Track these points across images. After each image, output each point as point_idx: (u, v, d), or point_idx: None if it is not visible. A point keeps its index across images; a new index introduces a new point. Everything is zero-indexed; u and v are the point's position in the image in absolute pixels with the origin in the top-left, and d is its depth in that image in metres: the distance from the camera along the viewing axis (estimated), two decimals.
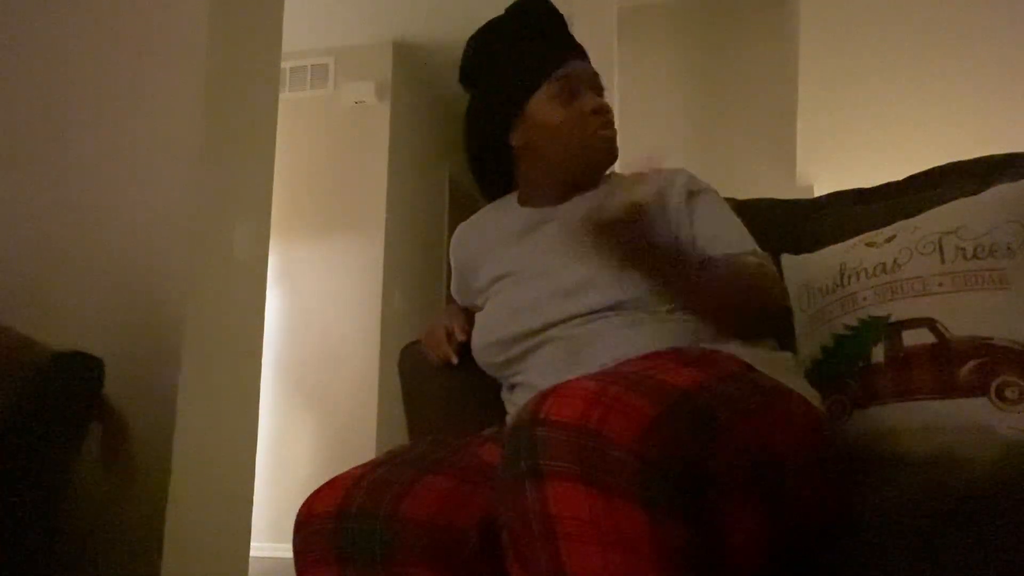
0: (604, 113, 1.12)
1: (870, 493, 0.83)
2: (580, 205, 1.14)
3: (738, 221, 1.08)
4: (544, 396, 0.66)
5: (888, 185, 1.35)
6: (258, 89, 2.33)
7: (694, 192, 1.09)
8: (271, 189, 2.40)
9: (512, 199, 1.24)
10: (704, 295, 0.94)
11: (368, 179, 4.07)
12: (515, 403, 1.08)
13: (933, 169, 1.30)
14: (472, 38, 1.24)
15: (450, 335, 1.20)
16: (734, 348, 0.91)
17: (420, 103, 4.60)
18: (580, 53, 1.17)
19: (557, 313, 1.01)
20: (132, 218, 2.02)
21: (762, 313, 0.95)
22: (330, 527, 0.78)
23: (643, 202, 0.80)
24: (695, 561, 0.61)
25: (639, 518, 0.59)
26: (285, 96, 4.14)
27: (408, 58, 4.34)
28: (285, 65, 4.19)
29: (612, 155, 1.14)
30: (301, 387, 3.95)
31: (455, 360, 1.18)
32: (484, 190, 1.28)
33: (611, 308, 0.98)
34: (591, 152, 1.12)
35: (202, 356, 2.02)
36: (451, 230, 5.11)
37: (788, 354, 1.00)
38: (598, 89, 1.15)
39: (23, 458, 1.38)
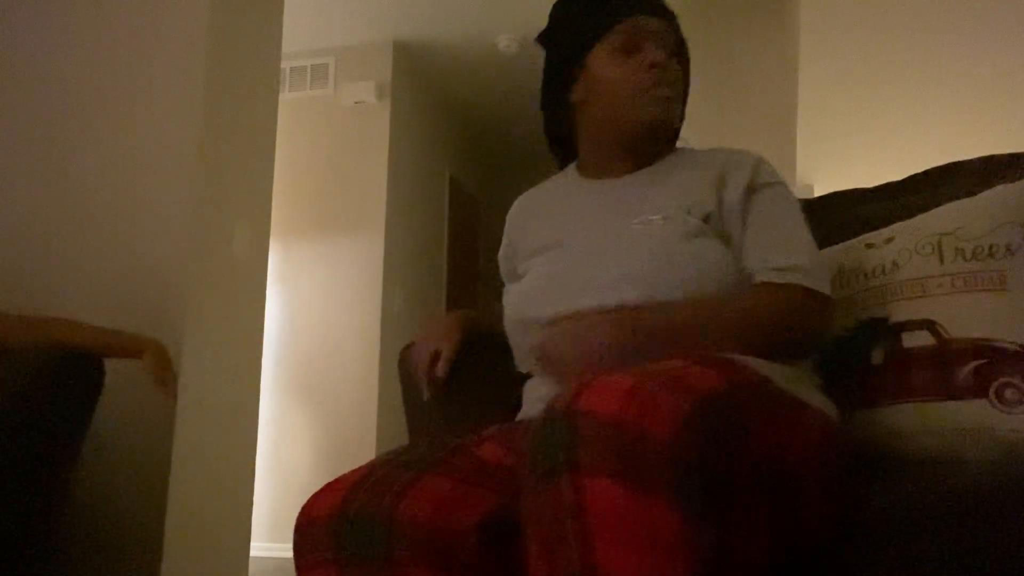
0: (662, 68, 1.04)
1: (870, 496, 0.83)
2: (637, 181, 1.08)
3: (796, 224, 1.01)
4: (581, 388, 0.64)
5: (888, 185, 1.35)
6: (258, 89, 2.33)
7: (755, 187, 1.02)
8: (271, 189, 2.40)
9: (572, 167, 1.19)
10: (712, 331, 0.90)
11: (368, 179, 4.07)
12: (528, 393, 1.06)
13: (933, 169, 1.30)
14: None
15: (435, 360, 1.16)
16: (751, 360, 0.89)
17: (420, 103, 4.60)
18: (656, 8, 1.09)
19: (585, 303, 0.97)
20: (132, 218, 2.02)
21: (771, 347, 0.90)
22: (329, 529, 0.77)
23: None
24: (722, 565, 0.60)
25: (674, 518, 0.58)
26: (285, 96, 4.14)
27: (408, 58, 4.34)
28: (285, 65, 4.19)
29: (665, 117, 1.06)
30: (301, 387, 3.95)
31: (426, 397, 1.14)
32: (554, 157, 1.23)
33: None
34: (641, 111, 1.04)
35: (202, 356, 2.02)
36: (451, 230, 5.12)
37: (806, 366, 0.97)
38: (668, 46, 1.06)
39: (23, 458, 1.38)
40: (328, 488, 0.81)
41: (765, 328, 0.91)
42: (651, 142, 1.09)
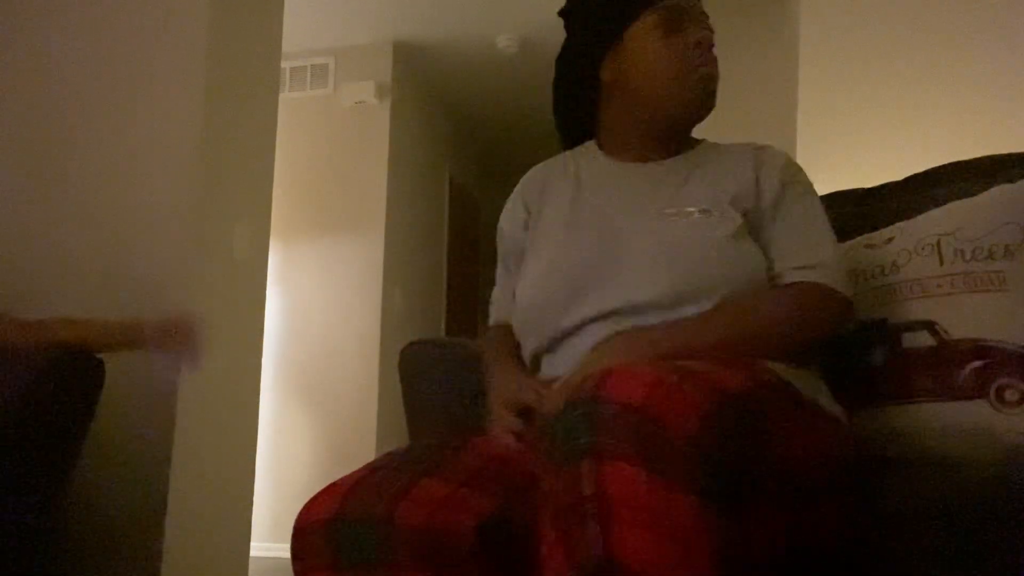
0: (708, 48, 1.02)
1: (875, 497, 0.83)
2: (669, 168, 1.04)
3: (821, 223, 1.00)
4: (605, 375, 0.64)
5: (888, 185, 1.34)
6: (258, 89, 2.33)
7: (786, 184, 1.01)
8: (271, 189, 2.40)
9: (591, 144, 1.13)
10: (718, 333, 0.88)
11: (368, 179, 4.07)
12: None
13: (933, 169, 1.30)
14: None
15: (521, 410, 0.95)
16: (769, 364, 0.86)
17: (420, 103, 4.60)
18: None
19: (601, 304, 0.94)
20: (132, 218, 2.02)
21: (777, 345, 0.89)
22: (326, 533, 0.76)
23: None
24: (738, 560, 0.60)
25: (695, 509, 0.58)
26: (285, 96, 4.14)
27: (408, 58, 4.34)
28: (285, 65, 4.19)
29: (709, 97, 1.03)
30: (301, 387, 3.95)
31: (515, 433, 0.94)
32: (564, 137, 1.17)
33: (659, 305, 0.91)
34: (687, 90, 1.01)
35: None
36: (451, 230, 5.12)
37: (814, 369, 0.96)
38: (706, 27, 1.04)
39: (24, 457, 1.38)
40: (326, 492, 0.80)
41: (786, 331, 0.90)
42: (688, 125, 1.06)
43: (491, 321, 1.19)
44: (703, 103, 1.04)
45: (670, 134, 1.07)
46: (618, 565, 0.56)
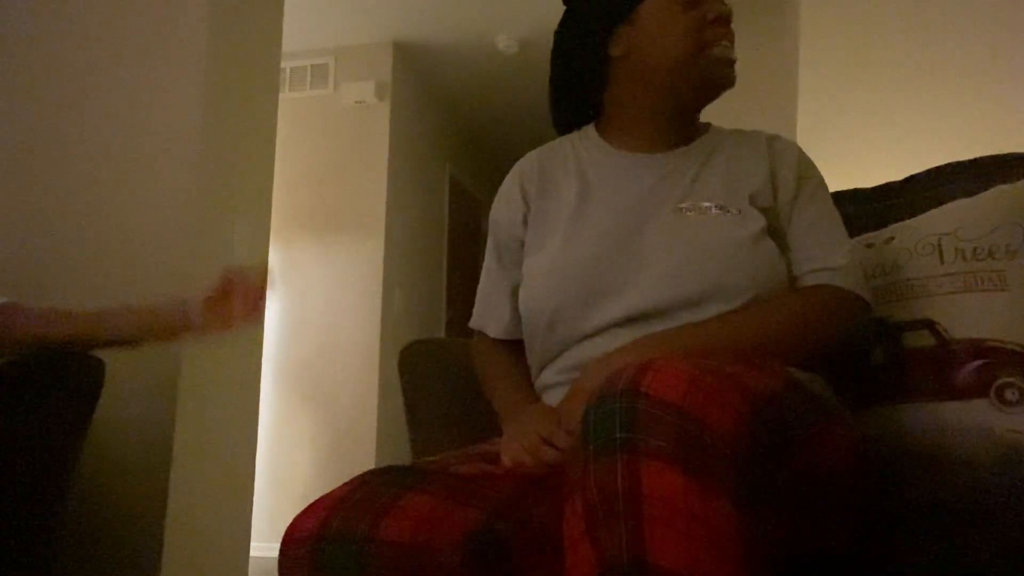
0: (727, 24, 0.98)
1: (873, 497, 0.83)
2: (680, 159, 1.00)
3: (836, 221, 0.99)
4: (643, 369, 0.62)
5: (888, 185, 1.34)
6: (258, 89, 2.33)
7: (801, 180, 0.99)
8: (271, 189, 2.40)
9: (591, 131, 1.07)
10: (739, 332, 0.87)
11: (368, 179, 4.07)
12: (546, 400, 0.99)
13: (933, 169, 1.30)
14: None
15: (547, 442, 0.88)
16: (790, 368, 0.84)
17: (420, 103, 4.60)
18: None
19: (627, 307, 0.90)
20: (132, 218, 2.02)
21: (796, 352, 0.87)
22: (309, 551, 0.74)
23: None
24: (765, 564, 0.59)
25: (730, 512, 0.56)
26: (285, 96, 4.14)
27: (408, 58, 4.34)
28: (285, 65, 4.19)
29: (730, 77, 0.99)
30: (301, 387, 3.95)
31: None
32: (558, 120, 1.11)
33: (685, 306, 0.89)
34: (707, 69, 0.97)
35: (202, 356, 2.02)
36: (451, 230, 5.11)
37: (820, 375, 0.94)
38: (723, 2, 0.99)
39: (23, 458, 1.38)
40: (311, 507, 0.77)
41: (811, 336, 0.89)
42: (702, 104, 1.02)
43: (480, 324, 1.14)
44: (722, 84, 1.00)
45: (682, 115, 1.02)
46: (650, 566, 0.55)
